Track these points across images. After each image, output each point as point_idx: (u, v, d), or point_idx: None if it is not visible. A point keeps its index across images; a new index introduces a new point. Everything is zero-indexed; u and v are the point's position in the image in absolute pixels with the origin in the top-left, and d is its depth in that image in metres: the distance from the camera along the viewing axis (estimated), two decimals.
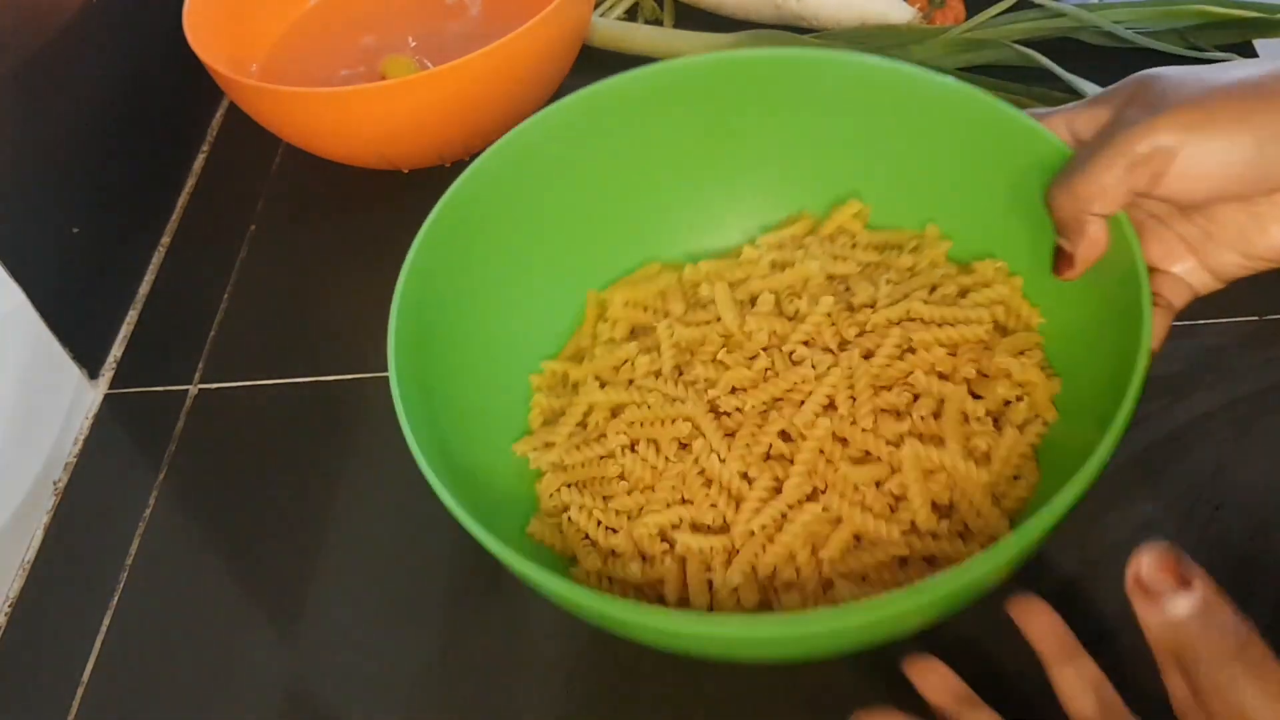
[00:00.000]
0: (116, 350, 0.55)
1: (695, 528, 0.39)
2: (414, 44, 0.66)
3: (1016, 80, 0.62)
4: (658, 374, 0.43)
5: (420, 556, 0.46)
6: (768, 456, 0.40)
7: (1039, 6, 0.66)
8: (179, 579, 0.47)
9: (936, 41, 0.65)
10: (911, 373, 0.41)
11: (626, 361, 0.44)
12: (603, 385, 0.44)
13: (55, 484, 0.50)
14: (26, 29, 0.51)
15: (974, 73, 0.63)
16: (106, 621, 0.45)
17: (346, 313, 0.56)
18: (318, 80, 0.64)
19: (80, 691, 0.43)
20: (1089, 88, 0.60)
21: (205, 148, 0.66)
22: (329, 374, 0.53)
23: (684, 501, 0.40)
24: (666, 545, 0.39)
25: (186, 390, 0.53)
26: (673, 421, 0.41)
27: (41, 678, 0.44)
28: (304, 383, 0.53)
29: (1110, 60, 0.65)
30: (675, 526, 0.39)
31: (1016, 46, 0.64)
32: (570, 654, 0.43)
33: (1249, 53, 0.64)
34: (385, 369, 0.53)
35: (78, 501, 0.50)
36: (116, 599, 0.46)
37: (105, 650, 0.44)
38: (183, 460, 0.51)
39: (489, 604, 0.44)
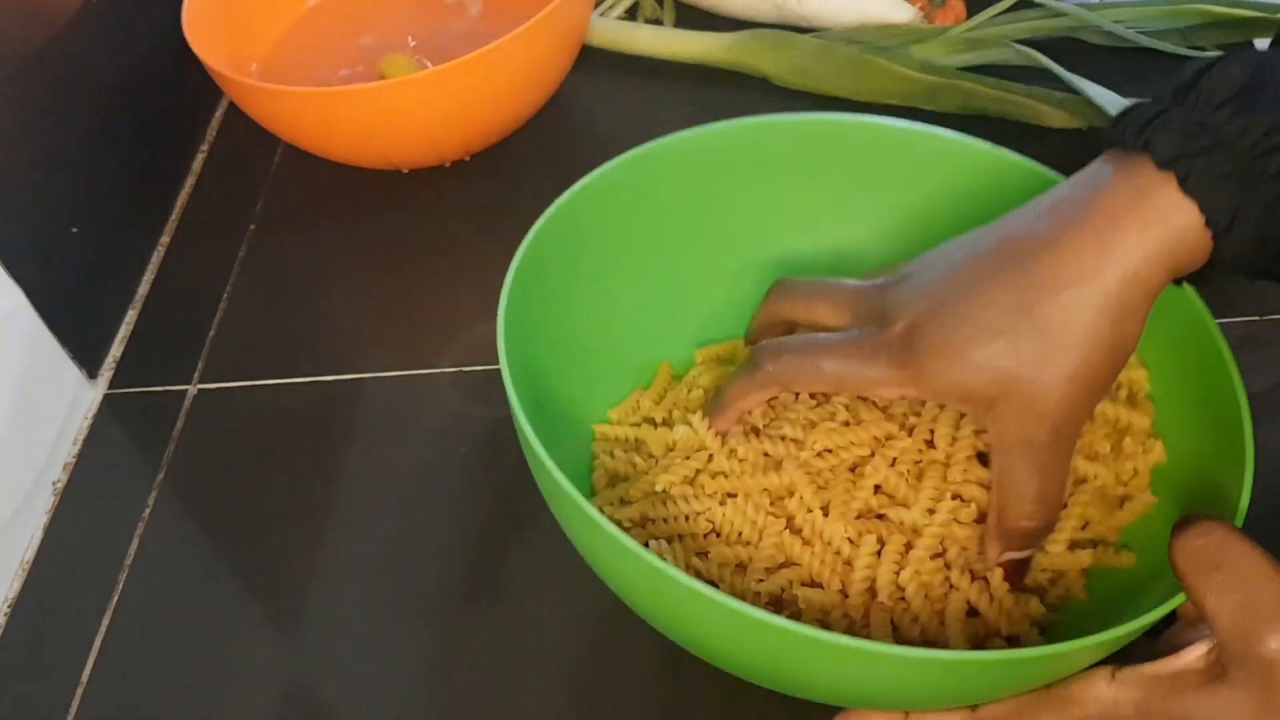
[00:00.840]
0: (116, 350, 0.55)
1: (807, 584, 0.38)
2: (414, 44, 0.66)
3: (1017, 80, 0.62)
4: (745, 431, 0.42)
5: (420, 556, 0.46)
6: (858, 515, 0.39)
7: (1040, 6, 0.66)
8: (179, 579, 0.47)
9: (937, 41, 0.65)
10: None
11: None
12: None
13: (54, 484, 0.50)
14: (26, 29, 0.51)
15: (975, 72, 0.63)
16: (106, 621, 0.45)
17: (346, 313, 0.56)
18: (318, 80, 0.64)
19: (80, 691, 0.43)
20: (1089, 88, 0.60)
21: (205, 148, 0.66)
22: (329, 374, 0.53)
23: (786, 563, 0.39)
24: (772, 607, 0.38)
25: (186, 390, 0.53)
26: (765, 477, 0.40)
27: (41, 678, 0.44)
28: (304, 383, 0.53)
29: (1111, 60, 0.65)
30: (787, 588, 0.38)
31: (1017, 46, 0.64)
32: (570, 654, 0.43)
33: None
34: (384, 369, 0.53)
35: (77, 501, 0.50)
36: (116, 599, 0.46)
37: (105, 650, 0.44)
38: (182, 460, 0.50)
39: (489, 604, 0.44)
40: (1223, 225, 0.32)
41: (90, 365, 0.53)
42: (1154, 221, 0.32)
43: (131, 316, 0.57)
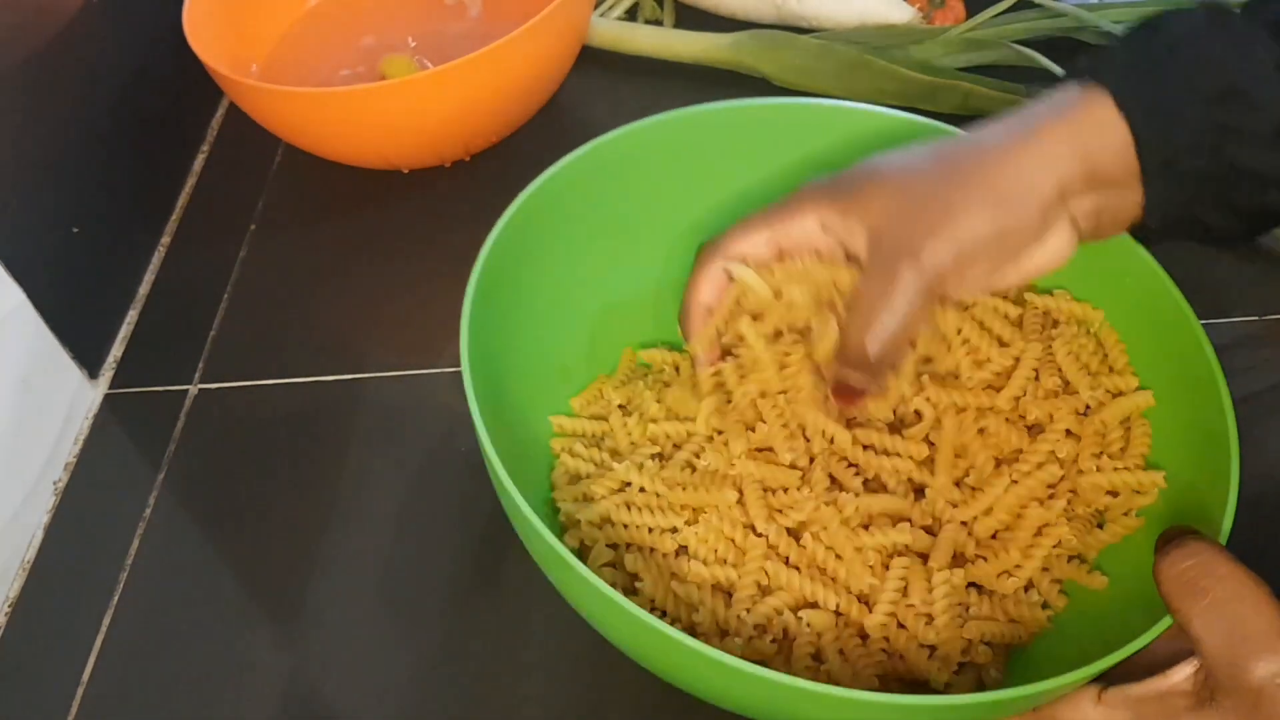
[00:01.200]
0: (116, 350, 0.55)
1: (804, 606, 0.38)
2: (414, 44, 0.66)
3: (1016, 80, 0.62)
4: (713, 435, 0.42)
5: (420, 556, 0.46)
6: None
7: (1039, 6, 0.66)
8: (179, 579, 0.47)
9: (936, 41, 0.65)
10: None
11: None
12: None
13: (55, 484, 0.50)
14: (26, 29, 0.51)
15: (974, 73, 0.63)
16: (106, 621, 0.45)
17: (346, 313, 0.56)
18: (318, 80, 0.64)
19: (80, 691, 0.43)
20: None
21: (205, 148, 0.66)
22: (329, 374, 0.53)
23: (770, 588, 0.38)
24: (759, 631, 0.38)
25: (186, 390, 0.53)
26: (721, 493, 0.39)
27: (41, 678, 0.44)
28: (304, 383, 0.53)
29: None
30: (780, 612, 0.38)
31: (1016, 46, 0.64)
32: (569, 653, 0.43)
33: None
34: (384, 369, 0.53)
35: (78, 501, 0.50)
36: (116, 599, 0.46)
37: (105, 650, 0.44)
38: (183, 460, 0.50)
39: (489, 604, 0.44)
40: (1134, 111, 0.34)
41: (91, 365, 0.53)
42: (1069, 109, 0.36)
43: (132, 316, 0.57)
